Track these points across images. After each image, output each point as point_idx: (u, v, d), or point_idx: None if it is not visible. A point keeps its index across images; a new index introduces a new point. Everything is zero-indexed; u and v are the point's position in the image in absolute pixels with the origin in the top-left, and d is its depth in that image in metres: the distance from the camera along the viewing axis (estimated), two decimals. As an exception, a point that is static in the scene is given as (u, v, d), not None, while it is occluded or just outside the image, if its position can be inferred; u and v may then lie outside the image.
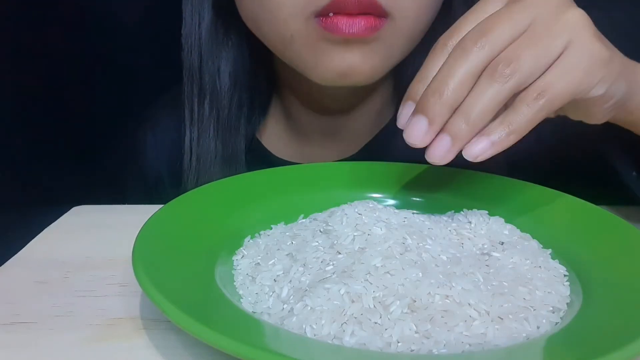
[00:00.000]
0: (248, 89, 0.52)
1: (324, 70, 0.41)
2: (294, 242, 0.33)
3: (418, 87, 0.31)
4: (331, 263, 0.29)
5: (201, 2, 0.49)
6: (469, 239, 0.33)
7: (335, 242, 0.31)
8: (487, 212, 0.37)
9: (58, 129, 0.75)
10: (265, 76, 0.53)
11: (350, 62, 0.40)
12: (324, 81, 0.42)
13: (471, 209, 0.37)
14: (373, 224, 0.33)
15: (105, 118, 0.74)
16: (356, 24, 0.38)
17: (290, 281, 0.29)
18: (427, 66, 0.31)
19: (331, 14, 0.38)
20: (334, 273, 0.28)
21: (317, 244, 0.32)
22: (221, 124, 0.51)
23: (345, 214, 0.34)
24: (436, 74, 0.30)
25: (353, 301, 0.26)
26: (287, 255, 0.31)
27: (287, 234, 0.35)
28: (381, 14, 0.39)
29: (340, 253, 0.30)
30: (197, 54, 0.50)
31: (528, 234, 0.35)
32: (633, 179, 0.40)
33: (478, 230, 0.34)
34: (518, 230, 0.35)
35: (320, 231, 0.33)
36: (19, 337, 0.28)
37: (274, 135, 0.55)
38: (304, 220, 0.37)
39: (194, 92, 0.50)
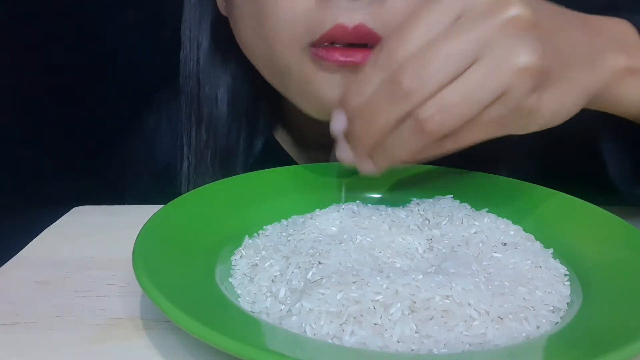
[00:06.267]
0: (248, 116, 0.50)
1: (321, 103, 0.38)
2: (289, 243, 0.33)
3: (354, 100, 0.30)
4: (327, 265, 0.29)
5: (199, 28, 0.48)
6: (470, 239, 0.33)
7: (329, 245, 0.31)
8: (492, 214, 0.37)
9: (58, 130, 0.75)
10: (268, 102, 0.51)
11: None
12: (321, 114, 0.39)
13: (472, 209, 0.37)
14: (369, 225, 0.32)
15: (105, 118, 0.74)
16: (352, 54, 0.36)
17: (287, 282, 0.29)
18: (366, 79, 0.29)
19: (327, 44, 0.36)
20: (331, 275, 0.28)
21: (311, 245, 0.31)
22: (219, 152, 0.49)
23: (339, 214, 0.34)
24: (363, 113, 0.29)
25: (352, 303, 0.26)
26: (283, 256, 0.31)
27: (283, 234, 0.35)
28: None
29: (335, 255, 0.30)
30: (195, 80, 0.49)
31: (531, 235, 0.35)
32: (626, 169, 0.38)
33: (482, 231, 0.34)
34: (522, 231, 0.35)
35: (313, 233, 0.33)
36: (19, 337, 0.28)
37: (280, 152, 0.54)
38: (298, 221, 0.37)
39: (192, 119, 0.49)
